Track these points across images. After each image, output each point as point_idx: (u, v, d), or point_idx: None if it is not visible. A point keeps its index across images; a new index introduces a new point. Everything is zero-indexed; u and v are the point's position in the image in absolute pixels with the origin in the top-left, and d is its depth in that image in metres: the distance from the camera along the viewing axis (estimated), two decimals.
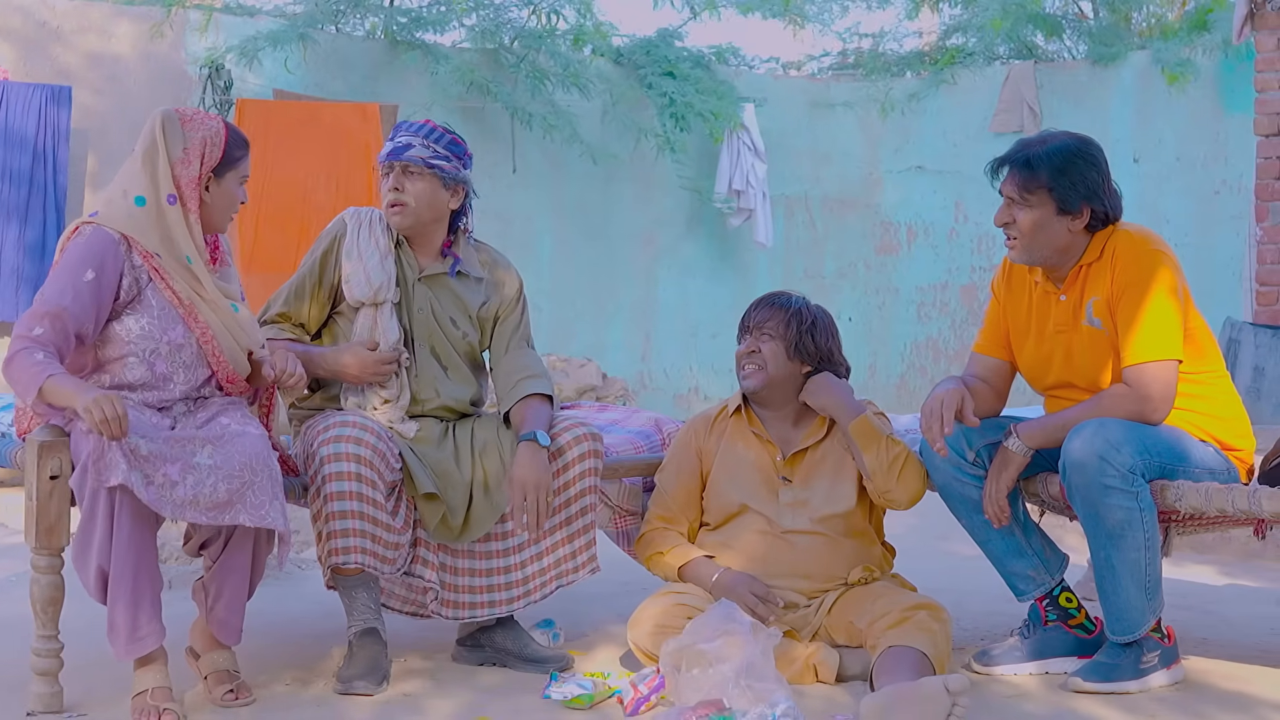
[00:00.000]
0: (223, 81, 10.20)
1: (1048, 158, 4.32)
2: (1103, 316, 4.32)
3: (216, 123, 4.19)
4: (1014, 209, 4.36)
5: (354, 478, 4.24)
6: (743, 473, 4.63)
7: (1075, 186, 4.30)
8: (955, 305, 12.94)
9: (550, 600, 4.60)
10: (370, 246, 4.58)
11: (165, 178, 4.10)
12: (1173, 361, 4.22)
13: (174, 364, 4.11)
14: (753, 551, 4.53)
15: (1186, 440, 4.28)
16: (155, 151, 4.12)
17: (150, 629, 3.92)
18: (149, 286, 4.08)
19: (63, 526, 3.98)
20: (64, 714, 3.98)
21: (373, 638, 4.34)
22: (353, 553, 4.26)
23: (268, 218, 9.89)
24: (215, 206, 4.19)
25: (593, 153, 11.55)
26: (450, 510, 4.45)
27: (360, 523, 4.25)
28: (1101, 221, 4.36)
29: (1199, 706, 4.14)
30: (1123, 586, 4.20)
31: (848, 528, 4.57)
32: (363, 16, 11.55)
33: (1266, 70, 8.60)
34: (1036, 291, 4.49)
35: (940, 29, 14.36)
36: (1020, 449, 4.31)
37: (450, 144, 4.62)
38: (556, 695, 4.17)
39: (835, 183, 13.26)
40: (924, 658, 4.10)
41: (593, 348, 11.55)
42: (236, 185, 4.22)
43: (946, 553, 6.20)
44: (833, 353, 4.69)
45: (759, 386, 4.64)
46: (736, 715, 3.77)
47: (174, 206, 4.10)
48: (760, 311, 4.69)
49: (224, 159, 4.16)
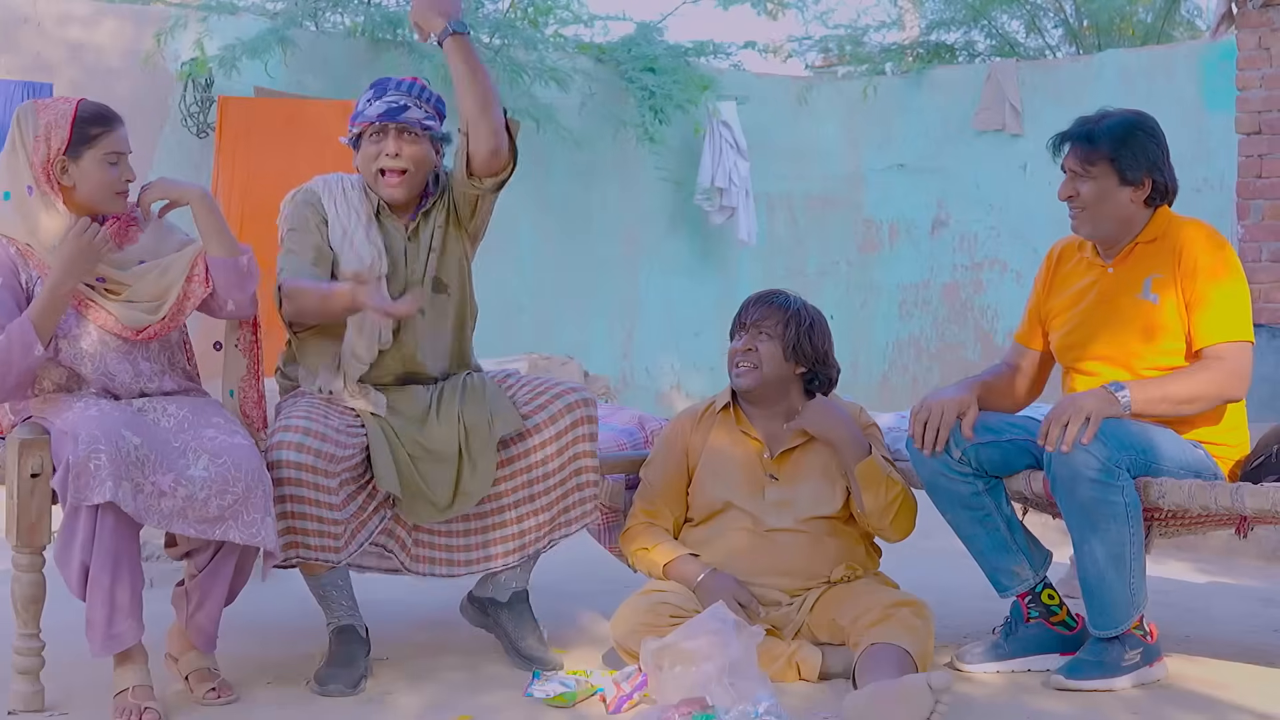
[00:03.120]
0: (204, 79, 10.17)
1: (1109, 131, 4.42)
2: (1160, 292, 4.37)
3: (68, 104, 4.11)
4: (1077, 182, 4.45)
5: (294, 482, 4.16)
6: (728, 470, 4.62)
7: (1136, 158, 4.40)
8: (937, 303, 12.94)
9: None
10: (353, 220, 4.49)
11: (24, 168, 4.05)
12: (1246, 343, 4.31)
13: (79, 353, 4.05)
14: (735, 548, 4.52)
15: (1172, 441, 4.29)
16: (15, 143, 4.08)
17: (125, 626, 3.89)
18: (38, 283, 4.04)
19: (44, 525, 3.96)
20: (45, 713, 3.97)
21: (350, 635, 4.31)
22: (293, 548, 4.20)
23: (250, 215, 9.84)
24: (83, 188, 4.08)
25: (574, 143, 11.51)
26: (432, 489, 4.39)
27: (302, 521, 4.19)
28: (1161, 195, 4.44)
29: (1181, 704, 4.15)
30: (1106, 581, 4.20)
31: (833, 528, 4.56)
32: (343, 14, 11.53)
33: (1248, 69, 8.62)
34: (1083, 264, 4.58)
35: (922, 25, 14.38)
36: (1126, 403, 4.24)
37: (438, 102, 4.56)
38: (539, 693, 4.16)
39: (817, 181, 13.26)
40: (907, 655, 4.10)
41: (575, 346, 11.53)
42: (102, 163, 4.09)
43: (929, 550, 6.19)
44: (828, 355, 4.69)
45: (753, 386, 4.62)
46: (719, 713, 3.77)
47: (33, 196, 4.04)
48: (758, 309, 4.67)
49: (74, 137, 4.05)
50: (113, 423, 3.82)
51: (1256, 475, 4.31)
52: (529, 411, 4.49)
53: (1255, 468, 4.35)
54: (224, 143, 9.83)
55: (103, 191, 4.11)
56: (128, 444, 3.80)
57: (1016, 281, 12.38)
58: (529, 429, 4.47)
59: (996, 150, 12.53)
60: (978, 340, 12.74)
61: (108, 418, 3.84)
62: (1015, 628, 4.52)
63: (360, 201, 4.52)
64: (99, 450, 3.75)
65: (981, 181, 12.61)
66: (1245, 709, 4.11)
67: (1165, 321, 4.35)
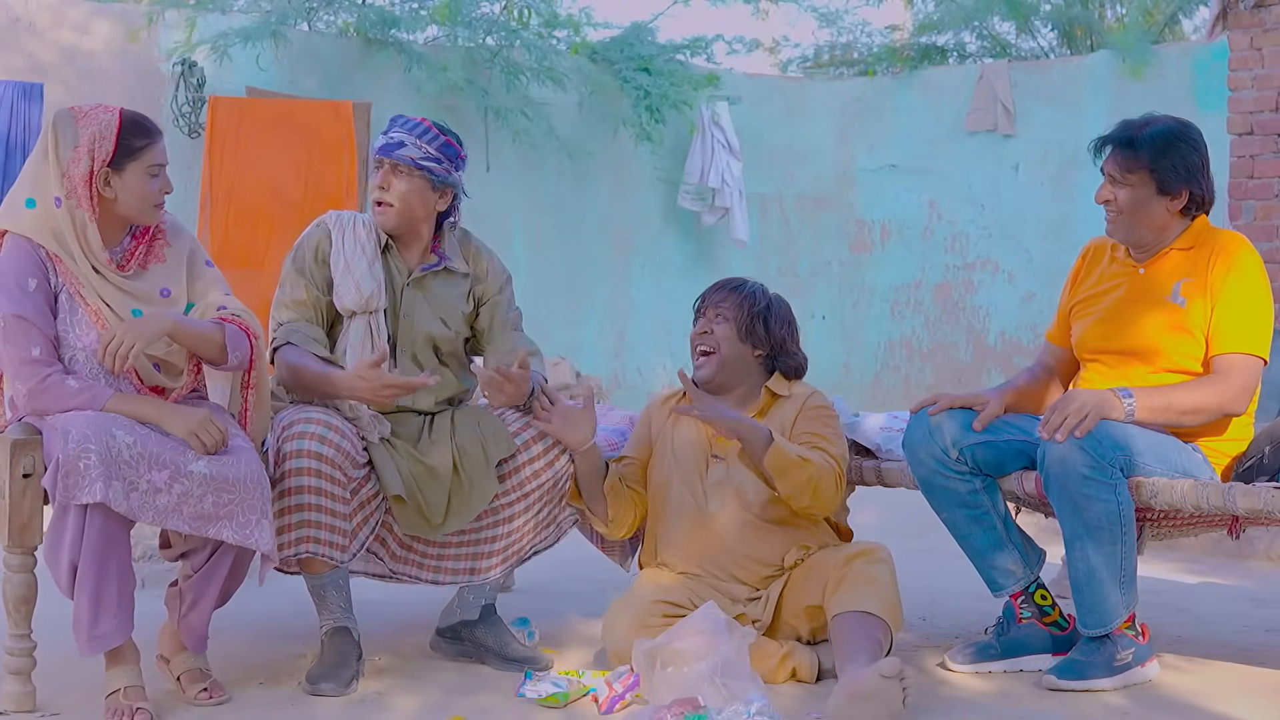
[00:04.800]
0: (195, 79, 10.16)
1: (1150, 140, 4.40)
2: (1189, 297, 4.37)
3: (110, 115, 4.06)
4: (1115, 187, 4.44)
5: (314, 474, 4.20)
6: (677, 449, 4.63)
7: (1175, 169, 4.39)
8: (929, 304, 12.94)
9: (524, 599, 4.59)
10: (357, 253, 4.56)
11: (56, 179, 4.02)
12: (1258, 359, 4.32)
13: (93, 373, 4.04)
14: (681, 539, 4.54)
15: (1168, 444, 4.29)
16: (47, 153, 4.04)
17: (111, 626, 3.87)
18: (63, 291, 4.03)
19: (35, 525, 3.95)
20: (37, 713, 3.96)
21: (343, 636, 4.32)
22: (305, 543, 4.22)
23: (237, 214, 9.83)
24: (124, 200, 4.05)
25: (568, 147, 11.52)
26: (428, 505, 4.42)
27: (317, 514, 4.22)
28: (1198, 205, 4.45)
29: (1172, 704, 4.15)
30: (1097, 579, 4.21)
31: (779, 514, 4.53)
32: (336, 14, 11.52)
33: (1240, 69, 8.64)
34: (1114, 263, 4.58)
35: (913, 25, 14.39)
36: (1130, 410, 4.22)
37: (443, 145, 4.60)
38: (531, 694, 4.16)
39: (809, 181, 13.26)
40: (871, 617, 4.13)
41: (566, 346, 11.53)
42: (145, 175, 4.06)
43: (918, 551, 6.20)
44: (785, 341, 4.67)
45: (711, 376, 4.62)
46: (711, 713, 3.77)
47: (60, 209, 4.01)
48: (715, 294, 4.70)
49: (119, 150, 4.03)
50: (104, 422, 3.81)
51: (1249, 476, 4.32)
52: (518, 430, 4.54)
53: (1247, 468, 4.36)
54: (213, 143, 9.81)
55: (143, 204, 4.09)
56: (119, 443, 3.79)
57: (1008, 282, 12.39)
58: (519, 446, 4.51)
59: (988, 151, 12.53)
60: (969, 341, 12.74)
61: (99, 417, 3.84)
62: (1007, 628, 4.52)
63: (368, 237, 4.61)
64: (89, 450, 3.74)
65: (973, 182, 12.62)
66: (1236, 710, 4.11)
67: (1190, 325, 4.36)
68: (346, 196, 9.93)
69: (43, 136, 4.07)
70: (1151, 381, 4.36)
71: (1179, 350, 4.37)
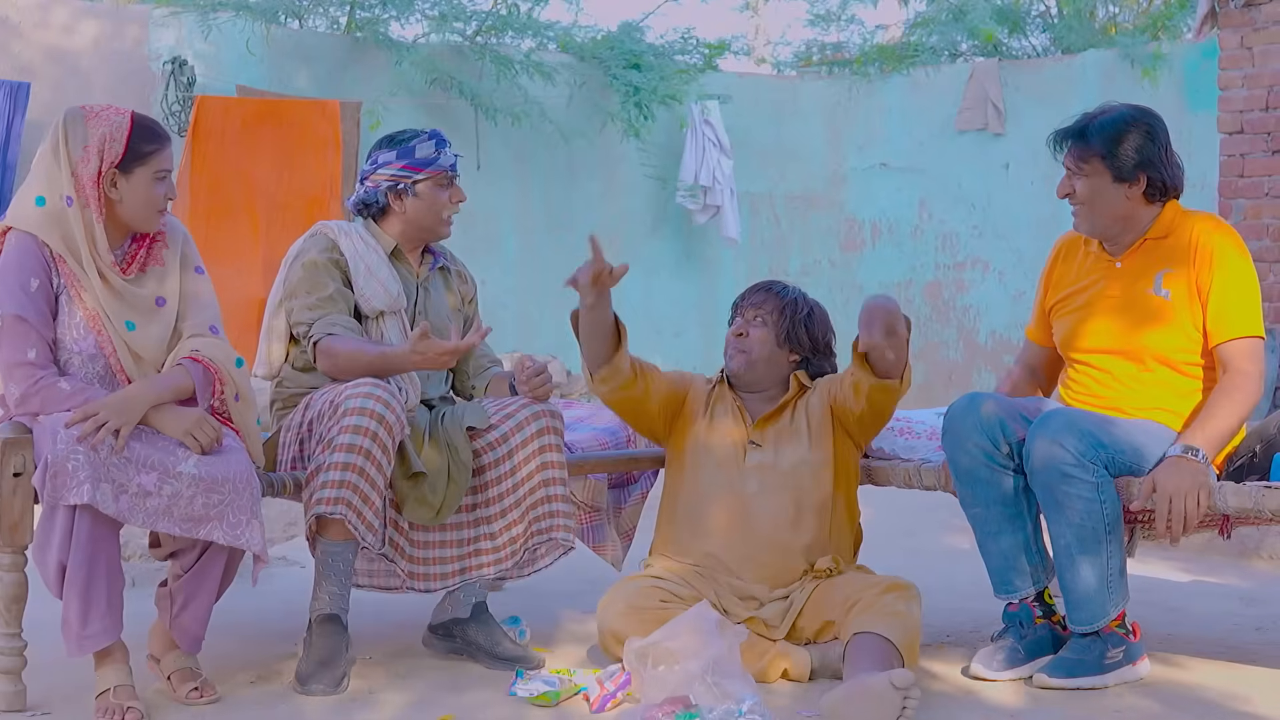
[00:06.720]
0: (185, 78, 10.15)
1: (1101, 128, 4.42)
2: (1172, 287, 4.37)
3: (122, 117, 4.04)
4: (1073, 179, 4.45)
5: (370, 435, 4.19)
6: (713, 433, 4.66)
7: (1129, 155, 4.38)
8: (919, 303, 12.95)
9: (516, 597, 4.58)
10: (373, 257, 4.64)
11: (66, 177, 4.00)
12: (1258, 339, 4.33)
13: (88, 376, 4.03)
14: (715, 525, 4.53)
15: (1156, 442, 4.29)
16: (57, 150, 4.02)
17: (101, 625, 3.86)
18: (64, 293, 4.03)
19: (26, 524, 3.94)
20: (27, 713, 3.95)
21: (334, 625, 4.26)
22: (340, 504, 4.16)
23: (222, 212, 9.82)
24: (128, 204, 4.03)
25: (560, 136, 11.51)
26: (432, 490, 4.41)
27: (361, 479, 4.18)
28: (1160, 191, 4.43)
29: (1164, 702, 4.15)
30: (1082, 576, 4.20)
31: (817, 502, 4.55)
32: (325, 10, 11.52)
33: (1230, 68, 8.65)
34: (1089, 259, 4.57)
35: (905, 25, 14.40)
36: (1205, 460, 4.18)
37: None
38: (522, 692, 4.16)
39: (800, 180, 13.28)
40: (889, 644, 4.11)
41: (557, 345, 11.51)
42: (151, 180, 4.05)
43: (912, 549, 6.20)
44: (828, 345, 4.77)
45: (740, 369, 4.68)
46: (703, 712, 3.77)
47: (71, 208, 3.99)
48: (755, 295, 4.78)
49: (128, 153, 4.00)
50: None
51: (1239, 475, 4.32)
52: (498, 420, 4.55)
53: (1238, 468, 4.36)
54: (196, 142, 9.75)
55: (148, 209, 4.07)
56: (107, 445, 3.78)
57: (999, 281, 12.40)
58: (497, 438, 4.51)
59: (979, 150, 12.55)
60: (960, 339, 12.76)
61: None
62: (1026, 630, 4.43)
63: (374, 244, 4.68)
64: (77, 450, 3.73)
65: (964, 181, 12.63)
66: (1227, 707, 4.11)
67: (1177, 315, 4.36)
68: (330, 196, 9.91)
69: (51, 134, 4.05)
70: (1144, 380, 4.37)
71: (1167, 344, 4.37)
